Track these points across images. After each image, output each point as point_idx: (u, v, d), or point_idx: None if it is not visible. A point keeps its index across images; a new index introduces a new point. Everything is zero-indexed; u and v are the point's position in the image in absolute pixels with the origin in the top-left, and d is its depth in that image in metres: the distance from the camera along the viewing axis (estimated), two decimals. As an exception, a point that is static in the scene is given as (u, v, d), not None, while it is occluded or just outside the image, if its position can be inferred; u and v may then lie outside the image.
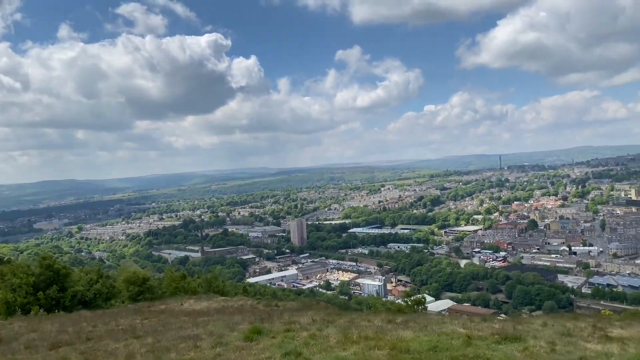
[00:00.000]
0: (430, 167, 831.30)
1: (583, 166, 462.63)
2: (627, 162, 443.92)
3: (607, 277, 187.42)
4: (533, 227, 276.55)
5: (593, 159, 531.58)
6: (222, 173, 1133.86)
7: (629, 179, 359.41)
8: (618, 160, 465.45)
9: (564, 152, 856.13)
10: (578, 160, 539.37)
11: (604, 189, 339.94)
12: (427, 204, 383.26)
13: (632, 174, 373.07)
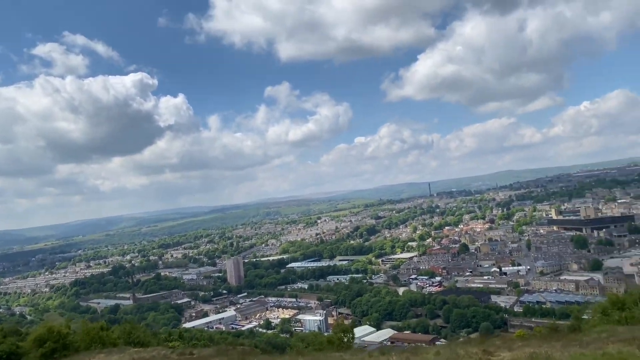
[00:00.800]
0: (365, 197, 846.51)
1: (507, 190, 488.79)
2: (545, 183, 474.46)
3: (536, 294, 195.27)
4: (465, 250, 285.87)
5: (515, 182, 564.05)
6: (152, 215, 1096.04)
7: (548, 199, 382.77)
8: (538, 183, 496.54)
9: (489, 177, 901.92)
10: (502, 184, 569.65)
11: (527, 210, 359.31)
12: (364, 233, 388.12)
13: (551, 195, 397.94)
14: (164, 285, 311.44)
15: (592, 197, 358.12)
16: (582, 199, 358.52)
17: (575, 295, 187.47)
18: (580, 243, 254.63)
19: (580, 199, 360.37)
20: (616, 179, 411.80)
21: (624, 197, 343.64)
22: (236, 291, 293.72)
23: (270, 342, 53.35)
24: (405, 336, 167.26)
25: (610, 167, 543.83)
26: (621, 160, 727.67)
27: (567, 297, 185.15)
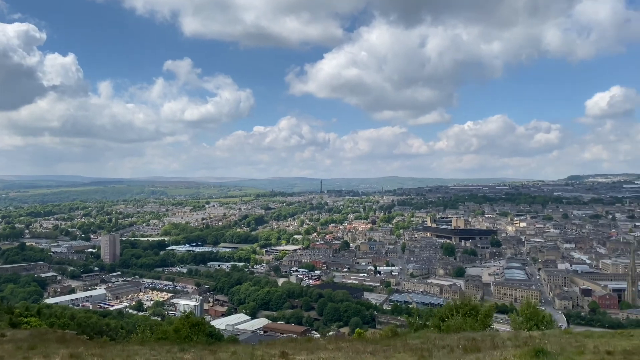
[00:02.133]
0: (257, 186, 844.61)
1: (391, 194, 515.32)
2: (425, 192, 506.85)
3: (405, 294, 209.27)
4: (346, 247, 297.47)
5: (399, 188, 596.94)
6: (24, 179, 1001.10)
7: (426, 207, 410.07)
8: (419, 191, 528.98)
9: (376, 181, 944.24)
10: (387, 189, 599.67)
11: (406, 215, 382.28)
12: (251, 222, 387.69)
13: (428, 203, 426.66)
14: (28, 256, 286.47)
15: (464, 209, 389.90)
16: (455, 210, 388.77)
17: (438, 298, 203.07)
18: (449, 250, 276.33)
19: (453, 210, 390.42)
20: (486, 196, 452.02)
21: (491, 212, 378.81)
22: (109, 269, 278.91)
23: (87, 328, 50.26)
24: (278, 326, 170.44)
25: (483, 184, 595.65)
26: (493, 179, 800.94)
27: (432, 299, 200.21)
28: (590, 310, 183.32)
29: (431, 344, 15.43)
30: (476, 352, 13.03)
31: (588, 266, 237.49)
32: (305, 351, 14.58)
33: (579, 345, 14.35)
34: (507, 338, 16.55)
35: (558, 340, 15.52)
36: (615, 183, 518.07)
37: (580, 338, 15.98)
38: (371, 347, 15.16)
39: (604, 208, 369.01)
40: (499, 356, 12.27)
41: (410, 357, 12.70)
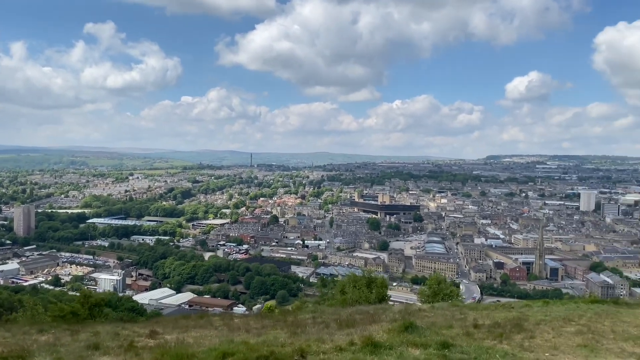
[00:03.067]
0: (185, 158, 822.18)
1: (320, 170, 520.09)
2: (354, 168, 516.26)
3: (331, 267, 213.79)
4: (275, 222, 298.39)
5: (329, 164, 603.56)
6: None
7: (354, 183, 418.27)
8: (348, 167, 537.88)
9: (307, 156, 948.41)
10: (317, 164, 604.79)
11: (335, 190, 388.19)
12: (178, 196, 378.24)
13: (357, 179, 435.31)
14: None
15: (390, 185, 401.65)
16: (382, 186, 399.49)
17: (363, 270, 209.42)
18: (374, 225, 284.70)
19: (380, 186, 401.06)
20: (411, 173, 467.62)
21: (415, 189, 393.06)
22: (23, 243, 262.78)
23: (23, 303, 46.77)
24: (204, 300, 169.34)
25: (408, 162, 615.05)
26: (418, 157, 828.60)
27: (357, 272, 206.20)
28: (501, 281, 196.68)
29: (319, 318, 15.69)
30: (350, 327, 13.25)
31: (502, 241, 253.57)
32: (177, 329, 14.38)
33: (462, 317, 14.89)
34: (398, 311, 16.90)
35: (443, 313, 16.04)
36: (529, 163, 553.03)
37: (466, 310, 16.63)
38: (258, 323, 15.22)
39: (518, 187, 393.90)
40: (370, 331, 12.38)
41: (283, 334, 12.78)
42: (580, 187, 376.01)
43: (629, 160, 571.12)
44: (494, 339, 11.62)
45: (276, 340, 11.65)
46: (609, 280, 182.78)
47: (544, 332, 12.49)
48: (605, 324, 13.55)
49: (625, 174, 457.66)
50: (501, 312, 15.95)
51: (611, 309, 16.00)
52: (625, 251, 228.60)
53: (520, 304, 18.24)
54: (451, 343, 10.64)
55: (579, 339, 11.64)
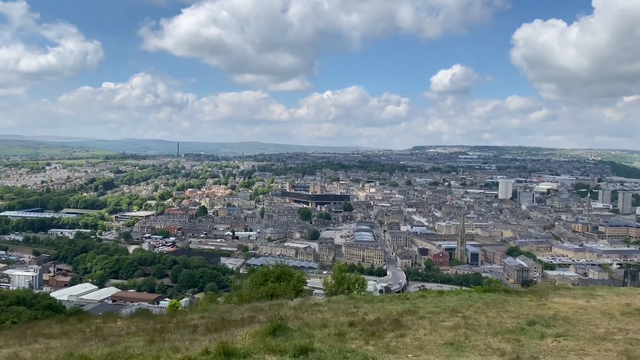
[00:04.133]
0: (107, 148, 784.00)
1: (251, 160, 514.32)
2: (286, 159, 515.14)
3: (262, 258, 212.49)
4: (203, 213, 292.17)
5: (260, 154, 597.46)
6: None
7: (286, 173, 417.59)
8: (279, 157, 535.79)
9: (237, 146, 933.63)
10: (248, 154, 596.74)
11: (266, 181, 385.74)
12: (99, 187, 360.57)
13: (288, 169, 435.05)
14: None
15: (321, 176, 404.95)
16: (313, 176, 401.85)
17: (294, 260, 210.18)
18: (305, 215, 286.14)
19: (311, 176, 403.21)
20: (342, 163, 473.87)
21: (345, 179, 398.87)
22: None
23: None
24: (128, 295, 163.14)
25: (339, 152, 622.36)
26: (348, 147, 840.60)
27: (287, 262, 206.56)
28: (426, 267, 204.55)
29: (207, 318, 15.15)
30: (217, 332, 12.65)
31: (426, 228, 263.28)
32: (25, 339, 13.70)
33: (353, 312, 14.95)
34: (292, 307, 16.39)
35: (336, 307, 15.90)
36: (452, 154, 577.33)
37: (361, 303, 16.52)
38: (132, 327, 14.57)
39: (442, 176, 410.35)
40: (236, 335, 11.92)
41: (141, 341, 12.05)
42: (498, 176, 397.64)
43: (542, 151, 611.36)
44: (364, 339, 11.51)
45: (125, 351, 10.79)
46: (524, 263, 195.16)
47: (420, 328, 12.56)
48: (488, 315, 13.90)
49: (539, 164, 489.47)
50: (395, 304, 16.01)
51: (500, 298, 16.38)
52: (538, 236, 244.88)
53: (416, 295, 18.40)
54: (311, 347, 10.30)
55: (450, 335, 11.70)
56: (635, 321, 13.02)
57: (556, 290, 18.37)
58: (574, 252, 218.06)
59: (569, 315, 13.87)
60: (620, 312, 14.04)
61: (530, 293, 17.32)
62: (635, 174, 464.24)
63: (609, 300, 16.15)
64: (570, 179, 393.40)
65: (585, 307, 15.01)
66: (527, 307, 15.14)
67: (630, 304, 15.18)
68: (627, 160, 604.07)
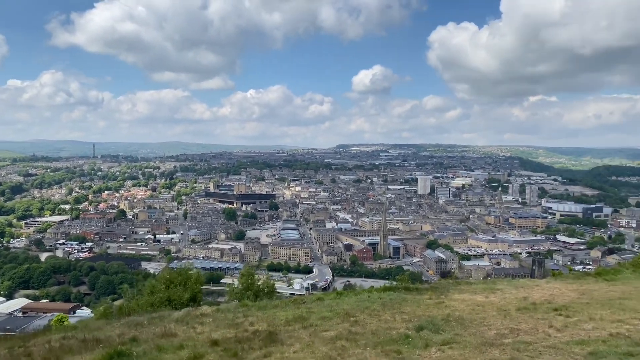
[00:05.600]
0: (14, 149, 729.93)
1: (173, 160, 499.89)
2: (209, 158, 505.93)
3: (185, 261, 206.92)
4: (122, 216, 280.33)
5: (182, 154, 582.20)
6: None
7: (209, 173, 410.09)
8: (202, 157, 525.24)
9: (158, 146, 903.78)
10: (169, 155, 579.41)
11: (189, 181, 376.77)
12: (7, 191, 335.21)
13: (212, 169, 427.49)
14: None
15: (246, 175, 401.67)
16: (238, 176, 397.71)
17: (219, 262, 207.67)
18: (230, 215, 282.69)
19: (236, 175, 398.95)
20: (267, 162, 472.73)
21: (271, 178, 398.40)
22: None
23: None
24: (41, 305, 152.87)
25: (264, 151, 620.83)
26: (273, 146, 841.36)
27: (212, 263, 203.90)
28: (351, 262, 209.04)
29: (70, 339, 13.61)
30: None
31: (350, 224, 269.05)
32: None
33: (238, 323, 14.05)
34: (175, 319, 14.93)
35: (223, 317, 14.76)
36: (374, 152, 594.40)
37: (253, 311, 15.41)
38: None
39: (365, 173, 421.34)
40: None
41: None
42: (417, 173, 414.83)
43: (457, 148, 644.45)
44: None
45: None
46: (442, 255, 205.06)
47: (296, 341, 11.69)
48: (381, 319, 13.48)
49: (454, 160, 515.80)
50: (289, 310, 15.16)
51: (399, 297, 15.99)
52: (455, 229, 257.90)
53: (313, 298, 17.51)
54: None
55: (324, 350, 10.88)
56: (528, 318, 12.89)
57: (457, 286, 18.10)
58: (488, 243, 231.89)
59: (464, 314, 13.58)
60: (516, 308, 14.00)
61: (431, 290, 17.10)
62: (541, 168, 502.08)
63: (507, 294, 16.18)
64: (483, 174, 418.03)
65: (483, 303, 14.86)
66: (424, 306, 14.81)
67: (527, 298, 15.37)
68: (533, 155, 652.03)
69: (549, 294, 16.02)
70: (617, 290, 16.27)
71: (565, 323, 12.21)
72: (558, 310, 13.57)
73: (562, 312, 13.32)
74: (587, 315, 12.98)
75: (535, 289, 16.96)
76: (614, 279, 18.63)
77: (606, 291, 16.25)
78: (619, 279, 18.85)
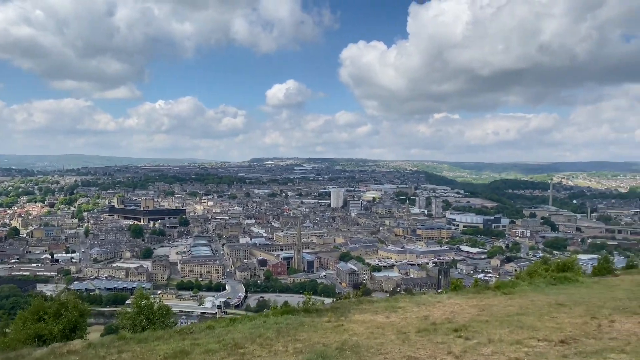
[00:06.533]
0: None
1: (73, 174, 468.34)
2: (114, 172, 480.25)
3: (87, 282, 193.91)
4: (15, 235, 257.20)
5: (84, 167, 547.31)
6: None
7: (114, 187, 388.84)
8: (106, 170, 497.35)
9: (57, 158, 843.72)
10: (69, 168, 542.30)
11: (91, 197, 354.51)
12: None
13: (117, 184, 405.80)
14: None
15: (155, 190, 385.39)
16: (145, 190, 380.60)
17: (124, 282, 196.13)
18: (137, 232, 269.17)
19: (143, 190, 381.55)
20: (177, 176, 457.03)
21: (181, 192, 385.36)
22: None
23: None
24: None
25: (174, 165, 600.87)
26: (184, 159, 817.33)
27: (117, 283, 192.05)
28: (265, 278, 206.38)
29: None
30: None
31: (265, 239, 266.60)
32: None
33: None
34: (36, 357, 13.16)
35: (94, 354, 12.97)
36: (289, 165, 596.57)
37: (131, 345, 13.62)
38: None
39: (279, 187, 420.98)
40: None
41: None
42: (330, 186, 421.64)
43: (368, 163, 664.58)
44: None
45: None
46: (355, 267, 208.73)
47: None
48: (271, 350, 12.34)
49: (365, 174, 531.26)
50: (172, 342, 13.52)
51: (297, 322, 14.91)
52: (366, 241, 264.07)
53: (203, 326, 15.68)
54: None
55: None
56: (427, 343, 12.31)
57: (359, 305, 17.42)
58: (397, 254, 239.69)
59: (362, 340, 12.79)
60: (416, 330, 13.43)
61: (331, 311, 16.21)
62: (445, 182, 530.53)
63: (409, 312, 15.76)
64: (392, 187, 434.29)
65: (383, 325, 14.13)
66: (321, 331, 13.77)
67: (427, 317, 14.91)
68: (438, 170, 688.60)
69: (449, 312, 15.76)
70: (514, 305, 16.37)
71: (465, 348, 11.69)
72: (458, 331, 13.12)
73: (462, 333, 12.86)
74: (486, 336, 12.59)
75: (437, 305, 16.74)
76: (512, 292, 19.21)
77: (505, 306, 16.48)
78: (516, 291, 19.44)
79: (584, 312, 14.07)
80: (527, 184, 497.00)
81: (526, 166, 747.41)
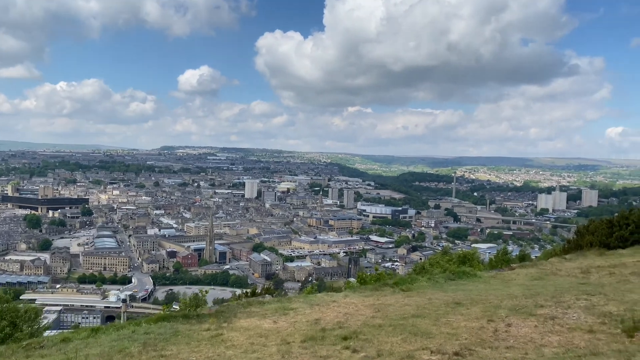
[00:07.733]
0: None
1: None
2: (8, 157, 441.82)
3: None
4: None
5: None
6: None
7: (8, 174, 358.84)
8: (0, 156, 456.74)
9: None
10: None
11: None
12: None
13: (12, 170, 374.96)
14: None
15: (54, 177, 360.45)
16: (44, 178, 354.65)
17: (18, 275, 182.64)
18: (33, 222, 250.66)
19: (42, 177, 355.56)
20: (79, 163, 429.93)
21: (84, 180, 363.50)
22: None
23: None
24: None
25: (76, 151, 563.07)
26: (88, 145, 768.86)
27: (9, 277, 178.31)
28: (174, 270, 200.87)
29: None
30: None
31: (175, 230, 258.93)
32: None
33: None
34: None
35: None
36: (201, 155, 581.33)
37: None
38: None
39: (191, 177, 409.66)
40: None
41: None
42: (245, 177, 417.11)
43: (283, 154, 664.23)
44: None
45: None
46: (268, 258, 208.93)
47: None
48: None
49: (280, 165, 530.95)
50: None
51: (172, 330, 12.32)
52: (280, 232, 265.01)
53: (58, 339, 11.90)
54: None
55: None
56: (310, 355, 10.09)
57: (248, 307, 15.19)
58: (310, 244, 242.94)
59: (238, 354, 10.30)
60: (302, 338, 11.11)
61: (214, 316, 13.74)
62: (357, 174, 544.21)
63: (300, 315, 13.70)
64: (306, 179, 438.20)
65: (267, 332, 11.89)
66: (195, 343, 11.17)
67: (319, 321, 12.99)
68: (350, 162, 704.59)
69: (343, 313, 13.57)
70: (412, 304, 14.70)
71: None
72: (347, 339, 10.91)
73: (351, 343, 10.61)
74: (376, 346, 10.42)
75: (331, 306, 14.83)
76: (410, 289, 18.40)
77: (401, 305, 14.67)
78: (414, 288, 18.63)
79: (481, 313, 13.10)
80: (433, 177, 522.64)
81: (433, 160, 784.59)
